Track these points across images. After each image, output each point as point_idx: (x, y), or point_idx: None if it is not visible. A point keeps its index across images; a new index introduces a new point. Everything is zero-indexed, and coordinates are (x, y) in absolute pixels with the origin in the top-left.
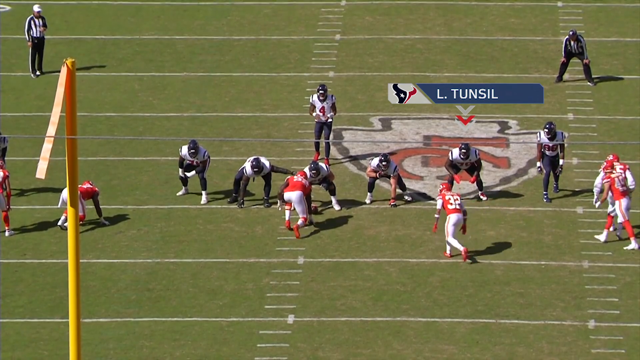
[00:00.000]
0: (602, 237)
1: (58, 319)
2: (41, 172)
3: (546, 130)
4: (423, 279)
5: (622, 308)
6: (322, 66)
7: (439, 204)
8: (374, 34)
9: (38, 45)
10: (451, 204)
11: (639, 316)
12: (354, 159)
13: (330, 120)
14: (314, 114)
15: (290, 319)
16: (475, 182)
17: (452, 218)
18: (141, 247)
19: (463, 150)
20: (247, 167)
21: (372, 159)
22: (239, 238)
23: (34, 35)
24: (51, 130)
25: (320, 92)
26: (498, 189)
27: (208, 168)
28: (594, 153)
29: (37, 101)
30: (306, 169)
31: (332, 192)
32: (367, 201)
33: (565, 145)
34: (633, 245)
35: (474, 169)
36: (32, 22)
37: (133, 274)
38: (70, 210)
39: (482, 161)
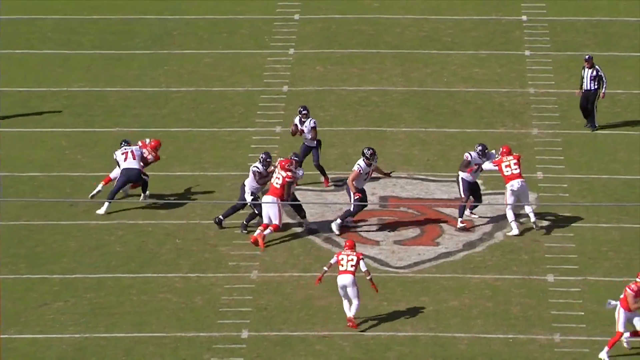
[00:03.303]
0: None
1: None
2: None
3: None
4: (379, 354)
5: None
6: (269, 120)
7: (333, 259)
8: (325, 85)
9: None
10: (342, 265)
11: None
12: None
13: (314, 144)
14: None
15: None
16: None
17: (340, 280)
18: (68, 320)
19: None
20: (254, 170)
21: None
22: (176, 310)
23: None
24: None
25: (303, 113)
26: (461, 254)
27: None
28: (566, 215)
29: None
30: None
31: (303, 217)
32: (336, 232)
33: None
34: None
35: None
36: None
37: (59, 350)
38: None
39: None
